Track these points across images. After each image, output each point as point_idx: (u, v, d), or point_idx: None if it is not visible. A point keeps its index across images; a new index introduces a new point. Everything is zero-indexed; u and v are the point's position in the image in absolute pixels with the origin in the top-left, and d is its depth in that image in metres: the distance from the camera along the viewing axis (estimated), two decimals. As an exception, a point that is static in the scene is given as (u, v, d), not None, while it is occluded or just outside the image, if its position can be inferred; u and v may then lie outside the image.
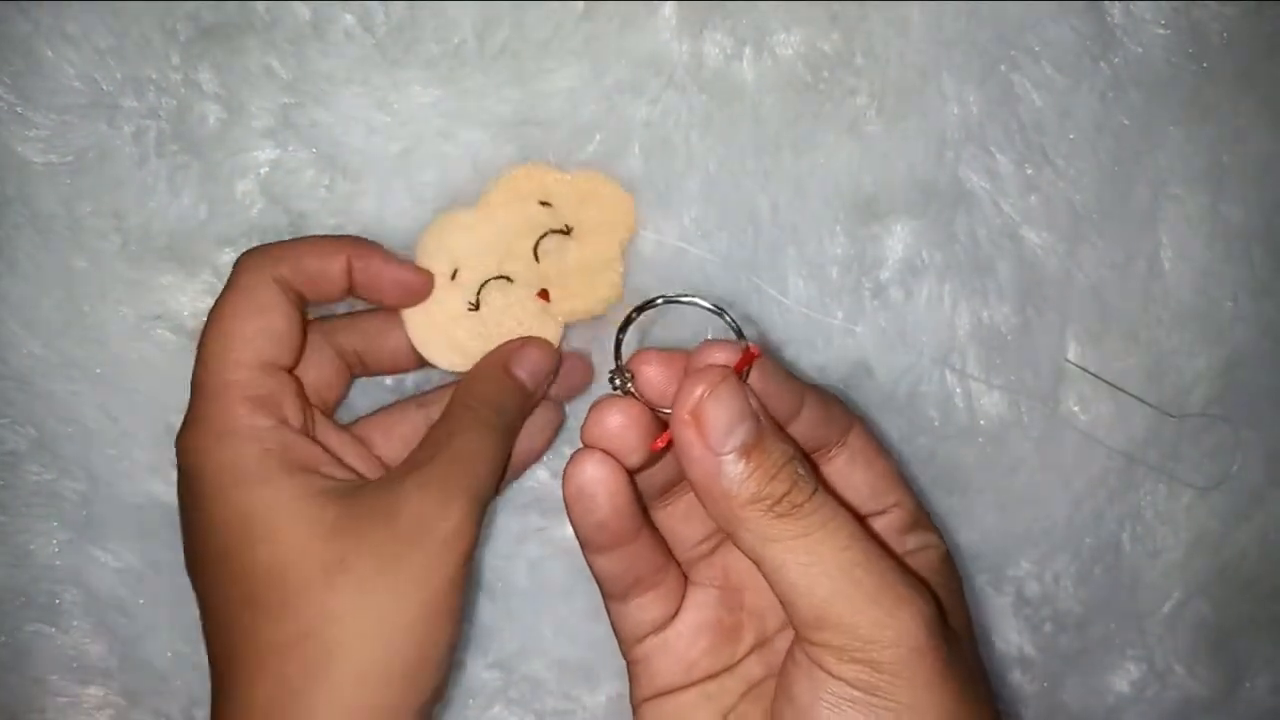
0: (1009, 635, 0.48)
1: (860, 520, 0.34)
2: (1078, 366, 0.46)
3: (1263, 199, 0.46)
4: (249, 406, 0.37)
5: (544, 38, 0.43)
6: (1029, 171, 0.45)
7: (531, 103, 0.43)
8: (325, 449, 0.39)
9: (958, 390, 0.46)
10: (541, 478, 0.46)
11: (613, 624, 0.38)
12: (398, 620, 0.36)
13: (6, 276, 0.44)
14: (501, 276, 0.43)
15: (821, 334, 0.45)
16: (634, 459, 0.35)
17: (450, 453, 0.39)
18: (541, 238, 0.43)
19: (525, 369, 0.42)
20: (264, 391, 0.38)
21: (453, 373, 0.43)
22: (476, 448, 0.39)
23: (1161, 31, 0.45)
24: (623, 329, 0.37)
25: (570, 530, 0.45)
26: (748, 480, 0.32)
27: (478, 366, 0.42)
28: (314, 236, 0.43)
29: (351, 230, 0.43)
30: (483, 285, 0.43)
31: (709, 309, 0.36)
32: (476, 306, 0.43)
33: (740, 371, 0.33)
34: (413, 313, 0.42)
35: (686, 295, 0.37)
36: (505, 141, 0.43)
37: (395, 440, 0.43)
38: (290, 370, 0.39)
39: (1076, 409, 0.46)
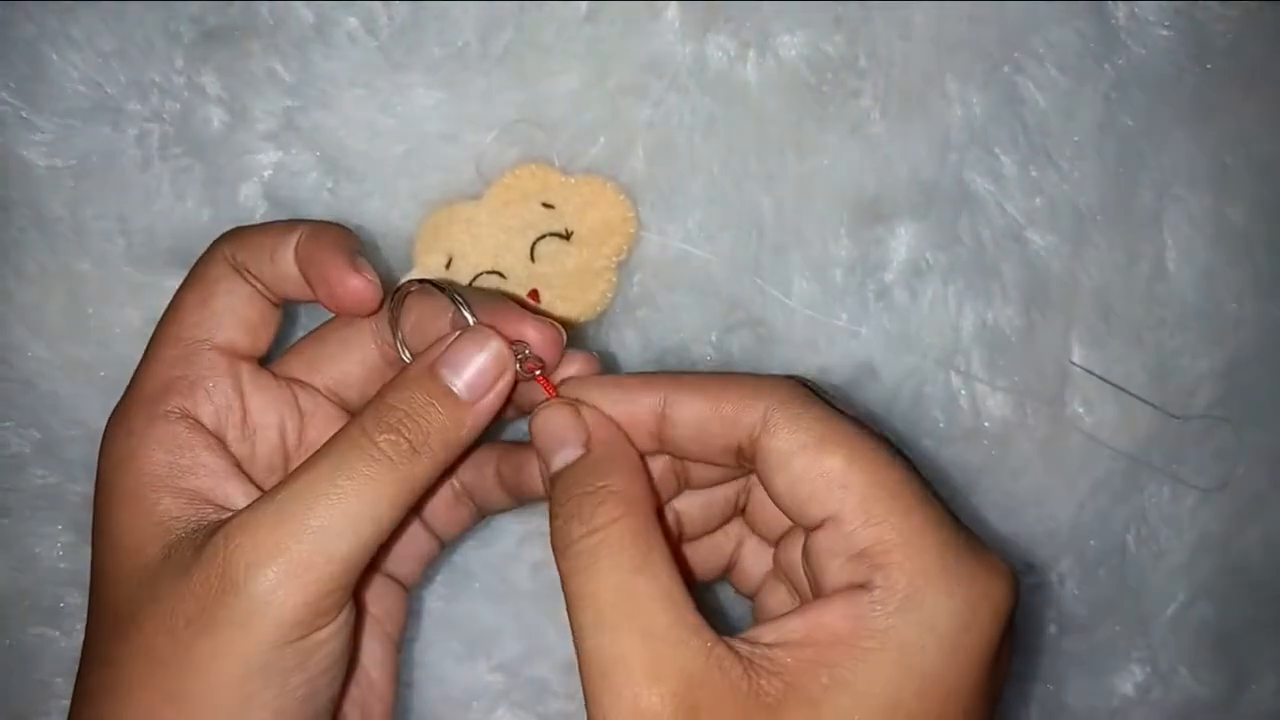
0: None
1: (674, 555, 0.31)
2: (1082, 368, 0.46)
3: (1267, 200, 0.46)
4: (173, 402, 0.34)
5: (547, 40, 0.43)
6: (1033, 173, 0.45)
7: (534, 105, 0.43)
8: (233, 457, 0.35)
9: (962, 392, 0.46)
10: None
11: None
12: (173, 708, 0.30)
13: (11, 279, 0.44)
14: (495, 272, 0.43)
15: (825, 336, 0.45)
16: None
17: (299, 488, 0.31)
18: (540, 239, 0.43)
19: (461, 375, 0.33)
20: (189, 383, 0.34)
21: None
22: (342, 489, 0.30)
23: (1165, 33, 0.45)
24: (396, 304, 0.36)
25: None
26: (552, 504, 0.32)
27: (407, 366, 0.34)
28: (282, 222, 0.37)
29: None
30: (475, 277, 0.43)
31: (455, 299, 0.34)
32: None
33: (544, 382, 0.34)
34: None
35: (439, 281, 0.36)
36: (508, 144, 0.43)
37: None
38: (247, 357, 0.36)
39: (1081, 410, 0.46)
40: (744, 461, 0.32)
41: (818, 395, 0.32)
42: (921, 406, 0.46)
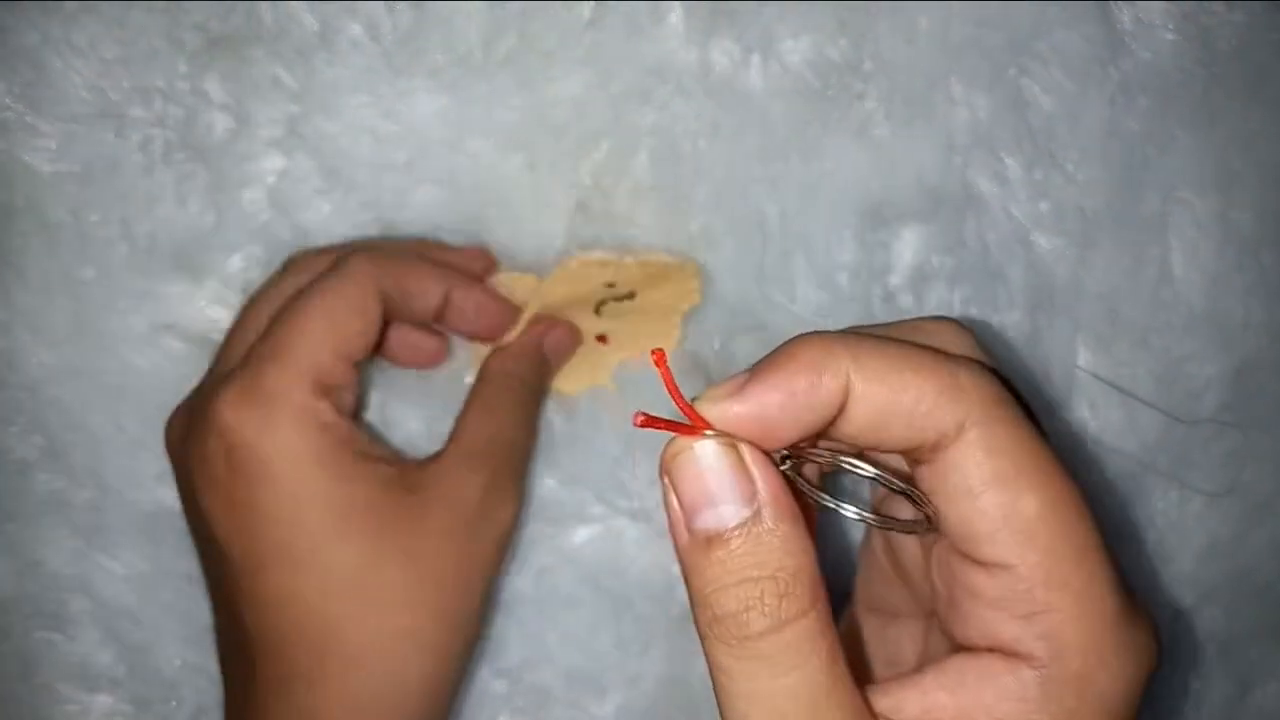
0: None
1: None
2: (1088, 373, 0.46)
3: (1273, 203, 0.46)
4: (319, 391, 0.37)
5: (550, 46, 0.43)
6: (1038, 177, 0.45)
7: (538, 111, 0.43)
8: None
9: (967, 397, 0.45)
10: (549, 485, 0.46)
11: None
12: (435, 624, 0.38)
13: (15, 285, 0.44)
14: None
15: (830, 341, 0.45)
16: None
17: (499, 436, 0.40)
18: (604, 302, 0.45)
19: (555, 350, 0.43)
20: (334, 381, 0.38)
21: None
22: (520, 433, 0.41)
23: (1171, 37, 0.44)
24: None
25: (577, 538, 0.46)
26: (697, 576, 0.26)
27: (513, 345, 0.43)
28: (420, 261, 0.42)
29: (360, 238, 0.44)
30: None
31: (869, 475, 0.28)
32: None
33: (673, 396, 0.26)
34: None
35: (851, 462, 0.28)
36: (512, 150, 0.43)
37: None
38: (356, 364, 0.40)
39: (1087, 415, 0.46)
40: (914, 457, 0.27)
41: (1014, 397, 0.27)
42: (926, 411, 0.45)
